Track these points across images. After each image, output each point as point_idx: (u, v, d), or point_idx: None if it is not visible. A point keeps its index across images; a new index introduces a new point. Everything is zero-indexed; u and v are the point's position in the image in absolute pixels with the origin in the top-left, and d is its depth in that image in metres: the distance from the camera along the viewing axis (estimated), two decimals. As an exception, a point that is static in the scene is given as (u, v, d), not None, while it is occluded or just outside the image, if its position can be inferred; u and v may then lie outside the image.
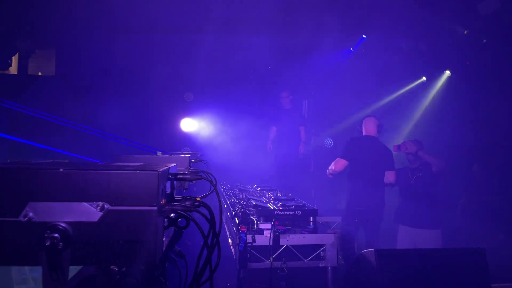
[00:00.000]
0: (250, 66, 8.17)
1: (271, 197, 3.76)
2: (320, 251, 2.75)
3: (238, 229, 2.65)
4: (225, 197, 4.05)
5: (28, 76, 9.50)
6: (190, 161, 2.31)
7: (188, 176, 1.15)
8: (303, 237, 2.73)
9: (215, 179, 2.48)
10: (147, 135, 7.71)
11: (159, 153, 2.40)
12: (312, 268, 2.75)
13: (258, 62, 8.09)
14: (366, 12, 6.82)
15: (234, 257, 2.71)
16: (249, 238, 2.64)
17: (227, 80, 8.29)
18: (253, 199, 3.50)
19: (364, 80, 8.04)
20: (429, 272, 2.21)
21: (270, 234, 2.65)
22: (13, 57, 8.83)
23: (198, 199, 1.10)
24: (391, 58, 7.49)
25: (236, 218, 2.78)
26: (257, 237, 2.67)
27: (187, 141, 7.87)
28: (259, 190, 4.49)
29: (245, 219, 2.69)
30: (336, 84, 8.34)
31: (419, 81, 7.83)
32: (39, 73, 9.51)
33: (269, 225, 2.71)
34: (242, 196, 3.81)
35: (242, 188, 4.58)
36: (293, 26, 7.30)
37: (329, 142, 3.84)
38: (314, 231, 2.91)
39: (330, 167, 4.15)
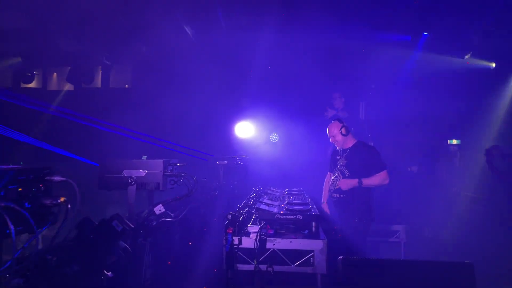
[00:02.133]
0: (302, 67, 8.11)
1: (285, 201, 3.77)
2: (309, 257, 2.69)
3: (226, 231, 2.74)
4: (246, 200, 4.13)
5: (110, 88, 10.71)
6: (165, 165, 2.48)
7: (51, 178, 1.29)
8: (290, 242, 2.71)
9: (195, 181, 2.62)
10: (205, 141, 8.14)
11: (144, 157, 2.62)
12: (302, 274, 2.71)
13: (312, 63, 8.02)
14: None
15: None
16: (236, 240, 2.72)
17: (280, 82, 8.34)
18: (264, 202, 3.55)
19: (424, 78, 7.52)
20: (407, 285, 2.05)
21: (256, 237, 2.69)
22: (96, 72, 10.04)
23: (63, 199, 1.24)
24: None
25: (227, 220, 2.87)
26: (245, 239, 2.72)
27: (242, 146, 8.08)
28: (286, 193, 4.50)
29: (233, 221, 2.76)
30: (397, 84, 7.92)
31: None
32: (126, 86, 10.68)
33: (257, 228, 2.75)
34: (261, 200, 3.87)
35: (270, 192, 4.63)
36: (348, 23, 7.13)
37: (274, 137, 3.63)
38: (312, 236, 2.86)
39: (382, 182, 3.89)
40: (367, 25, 7.13)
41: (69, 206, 1.29)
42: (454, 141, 8.55)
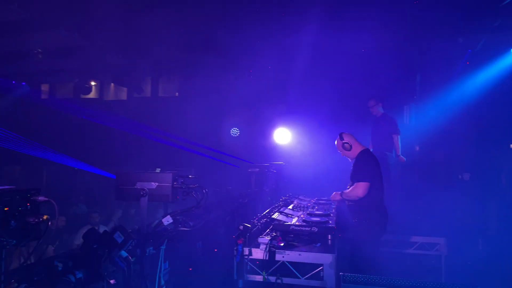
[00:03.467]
0: (342, 72, 7.93)
1: (307, 211, 3.76)
2: (319, 270, 2.67)
3: (236, 241, 2.80)
4: (270, 209, 4.16)
5: (158, 97, 11.30)
6: (175, 178, 2.60)
7: (36, 198, 1.44)
8: (299, 255, 2.70)
9: (205, 194, 2.73)
10: (243, 148, 8.29)
11: (158, 170, 2.76)
12: (311, 287, 2.70)
13: (353, 67, 7.84)
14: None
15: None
16: (246, 250, 2.77)
17: (320, 88, 8.22)
18: (283, 213, 3.57)
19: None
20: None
21: (265, 248, 2.73)
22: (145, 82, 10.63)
23: (45, 217, 1.38)
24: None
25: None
26: (254, 250, 2.77)
27: (280, 152, 8.07)
28: (313, 203, 4.48)
29: (244, 232, 2.82)
30: (448, 83, 7.49)
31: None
32: (176, 94, 11.23)
33: (267, 240, 2.78)
34: (282, 210, 3.89)
35: (297, 200, 4.63)
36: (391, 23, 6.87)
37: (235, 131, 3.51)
38: (324, 250, 2.83)
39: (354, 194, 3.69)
40: (415, 23, 6.81)
41: (49, 223, 1.45)
42: (519, 145, 7.86)
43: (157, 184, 2.57)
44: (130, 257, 2.05)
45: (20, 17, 5.98)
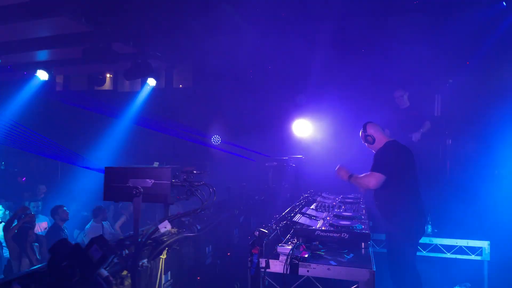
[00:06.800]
0: (365, 61, 7.32)
1: (334, 212, 3.25)
2: (353, 289, 2.17)
3: (251, 251, 2.33)
4: (290, 209, 3.68)
5: (173, 88, 10.92)
6: (175, 174, 2.14)
7: None
8: (328, 269, 2.20)
9: (213, 193, 2.26)
10: (260, 141, 7.80)
11: (156, 164, 2.32)
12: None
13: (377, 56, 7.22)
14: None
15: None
16: (263, 262, 2.29)
17: (343, 74, 7.64)
18: (306, 214, 3.07)
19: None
20: None
21: (286, 260, 2.24)
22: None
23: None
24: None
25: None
26: (273, 262, 2.29)
27: (299, 145, 7.56)
28: (338, 201, 3.97)
29: (260, 240, 2.34)
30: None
31: None
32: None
33: (287, 249, 2.29)
34: (304, 210, 3.39)
35: (320, 199, 4.12)
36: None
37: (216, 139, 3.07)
38: (357, 263, 2.32)
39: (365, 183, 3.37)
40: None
41: None
42: None
43: (153, 181, 2.10)
44: (110, 277, 1.59)
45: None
